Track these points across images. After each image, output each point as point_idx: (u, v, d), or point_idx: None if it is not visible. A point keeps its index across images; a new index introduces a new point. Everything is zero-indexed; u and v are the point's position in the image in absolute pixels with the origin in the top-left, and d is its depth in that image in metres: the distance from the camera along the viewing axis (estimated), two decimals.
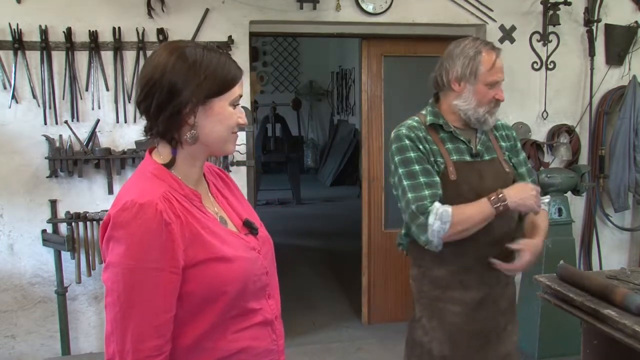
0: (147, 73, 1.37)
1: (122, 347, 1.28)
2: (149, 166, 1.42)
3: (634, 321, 2.06)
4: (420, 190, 2.06)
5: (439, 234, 2.01)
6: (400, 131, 2.17)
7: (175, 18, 3.82)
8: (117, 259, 1.29)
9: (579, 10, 4.37)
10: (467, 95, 2.15)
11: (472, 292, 2.15)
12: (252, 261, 1.43)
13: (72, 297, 3.83)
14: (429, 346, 2.16)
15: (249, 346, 1.43)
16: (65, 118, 3.71)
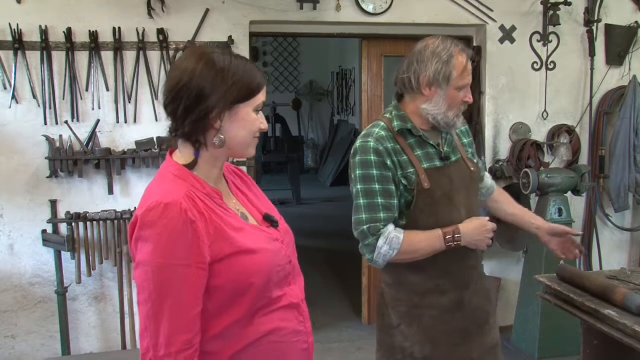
0: (175, 76, 1.42)
1: (155, 342, 1.34)
2: (171, 167, 1.47)
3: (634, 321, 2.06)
4: (375, 212, 2.04)
5: (384, 257, 2.04)
6: (367, 143, 2.06)
7: (175, 18, 3.81)
8: (145, 257, 1.35)
9: (579, 10, 4.37)
10: (437, 100, 2.08)
11: (448, 295, 2.14)
12: (275, 252, 1.50)
13: (72, 297, 3.83)
14: (410, 350, 2.15)
15: (277, 327, 1.48)
16: (65, 118, 3.70)
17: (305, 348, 1.57)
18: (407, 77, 2.12)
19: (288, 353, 1.52)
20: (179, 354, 1.35)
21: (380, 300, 2.25)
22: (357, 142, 2.12)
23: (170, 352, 1.34)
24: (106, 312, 3.92)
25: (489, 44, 4.33)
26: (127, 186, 3.86)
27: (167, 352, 1.34)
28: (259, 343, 1.46)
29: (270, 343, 1.48)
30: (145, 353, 1.37)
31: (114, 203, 3.81)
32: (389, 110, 2.19)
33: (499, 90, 4.38)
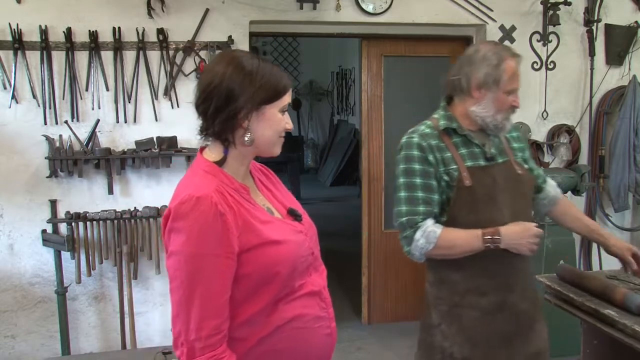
0: (206, 79, 1.53)
1: (187, 327, 1.44)
2: (202, 164, 1.57)
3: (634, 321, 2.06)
4: (415, 205, 2.08)
5: (420, 250, 2.06)
6: (412, 139, 2.14)
7: (175, 18, 3.81)
8: (178, 247, 1.44)
9: (579, 10, 4.37)
10: (487, 103, 2.12)
11: (489, 297, 2.13)
12: (299, 243, 1.59)
13: (72, 297, 3.83)
14: (450, 350, 2.16)
15: (300, 314, 1.57)
16: (65, 118, 3.70)
17: (328, 333, 1.64)
18: (457, 79, 2.17)
19: (311, 338, 1.60)
20: (209, 338, 1.43)
21: (425, 301, 2.27)
22: (403, 139, 2.19)
23: (201, 336, 1.43)
24: (106, 312, 3.92)
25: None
26: (127, 186, 3.86)
27: (198, 337, 1.43)
28: (284, 329, 1.54)
29: (294, 329, 1.56)
30: (177, 337, 1.46)
31: (114, 203, 3.81)
32: (437, 112, 2.25)
33: None
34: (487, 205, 2.09)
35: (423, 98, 4.63)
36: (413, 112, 4.62)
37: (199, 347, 1.44)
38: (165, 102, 3.86)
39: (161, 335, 3.98)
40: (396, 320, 4.73)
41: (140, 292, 3.93)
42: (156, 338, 3.98)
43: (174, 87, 3.84)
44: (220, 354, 1.45)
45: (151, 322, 3.99)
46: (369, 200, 4.63)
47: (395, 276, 4.72)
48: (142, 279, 3.91)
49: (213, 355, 1.44)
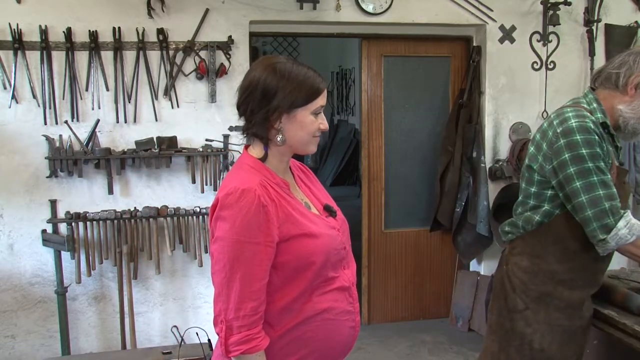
0: (246, 83, 1.66)
1: (227, 307, 1.57)
2: (247, 160, 1.71)
3: (634, 321, 2.07)
4: (610, 188, 2.03)
5: (619, 241, 2.00)
6: (586, 123, 2.05)
7: (175, 18, 3.81)
8: (223, 234, 1.57)
9: (579, 10, 4.37)
10: (637, 105, 2.11)
11: (578, 292, 2.18)
12: (333, 237, 1.70)
13: (72, 297, 3.83)
14: (530, 338, 2.19)
15: (331, 307, 1.69)
16: (65, 118, 3.70)
17: (352, 326, 1.76)
18: (616, 73, 2.14)
19: (339, 330, 1.72)
20: (246, 318, 1.56)
21: (505, 284, 2.27)
22: (570, 122, 2.07)
23: (239, 316, 1.55)
24: (106, 312, 3.92)
25: (489, 44, 4.33)
26: (127, 186, 3.86)
27: (236, 316, 1.55)
28: (315, 319, 1.67)
29: (324, 320, 1.68)
30: (217, 315, 1.59)
31: (114, 203, 3.81)
32: (588, 100, 2.19)
33: (499, 90, 4.37)
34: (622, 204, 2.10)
35: (423, 98, 4.64)
36: (413, 112, 4.65)
37: (236, 326, 1.56)
38: (165, 102, 3.85)
39: (161, 335, 3.98)
40: (396, 320, 4.73)
41: (140, 292, 3.93)
42: (156, 338, 3.98)
43: (174, 87, 3.84)
44: (255, 334, 1.58)
45: (151, 322, 3.99)
46: (369, 200, 4.63)
47: (395, 276, 4.72)
48: (142, 278, 3.91)
49: (248, 334, 1.57)
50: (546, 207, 2.17)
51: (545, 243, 2.18)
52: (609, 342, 2.47)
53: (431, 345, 4.33)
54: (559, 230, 2.15)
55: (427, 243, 4.73)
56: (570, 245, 2.15)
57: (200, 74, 3.85)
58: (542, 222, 2.18)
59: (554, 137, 2.10)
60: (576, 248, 2.14)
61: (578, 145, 2.03)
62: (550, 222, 2.17)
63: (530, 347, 2.18)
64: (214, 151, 3.85)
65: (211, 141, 3.87)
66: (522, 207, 2.26)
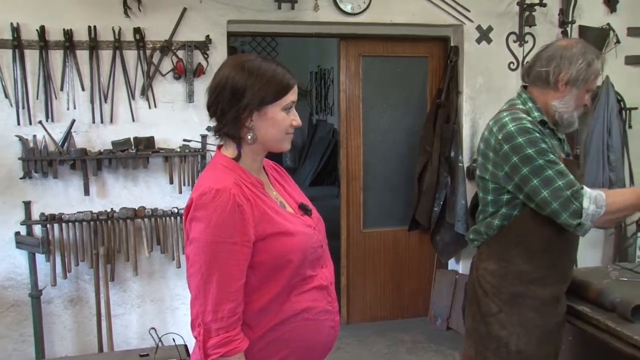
0: (214, 83, 1.65)
1: (204, 309, 1.54)
2: (220, 160, 1.69)
3: (607, 317, 2.10)
4: (567, 176, 2.05)
5: (592, 218, 2.01)
6: (525, 124, 2.10)
7: (152, 17, 3.78)
8: (198, 235, 1.55)
9: (553, 11, 4.43)
10: (569, 99, 2.17)
11: (549, 289, 2.20)
12: (309, 235, 1.70)
13: (47, 300, 3.77)
14: (506, 340, 2.20)
15: (310, 306, 1.68)
16: (40, 118, 3.64)
17: (332, 326, 1.76)
18: (545, 71, 2.19)
19: (319, 330, 1.71)
20: (224, 320, 1.54)
21: (477, 290, 2.28)
22: (509, 127, 2.11)
23: (217, 318, 1.54)
24: (82, 315, 3.87)
25: (466, 45, 4.37)
26: (104, 187, 3.81)
27: (214, 318, 1.54)
28: (294, 319, 1.66)
29: (304, 320, 1.67)
30: (195, 319, 1.58)
31: (90, 204, 3.76)
32: (522, 100, 2.24)
33: (476, 90, 4.41)
34: None
35: (401, 98, 4.66)
36: (391, 112, 4.67)
37: (214, 328, 1.54)
38: (142, 102, 3.82)
39: (139, 337, 3.94)
40: (375, 320, 4.75)
41: (117, 294, 3.89)
42: (134, 340, 3.93)
43: (151, 87, 3.81)
44: (234, 336, 1.56)
45: (129, 324, 3.94)
46: (347, 200, 4.64)
47: (374, 276, 4.73)
48: (119, 280, 3.86)
49: (227, 336, 1.55)
50: (503, 211, 2.20)
51: (508, 245, 2.20)
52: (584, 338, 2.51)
53: (410, 345, 4.35)
54: (520, 232, 2.18)
55: (406, 242, 4.76)
56: (533, 244, 2.17)
57: (178, 73, 3.82)
58: (502, 225, 2.21)
59: (497, 145, 2.14)
60: (539, 247, 2.17)
61: (522, 146, 2.07)
62: (510, 224, 2.19)
63: (507, 349, 2.19)
64: (192, 151, 3.83)
65: (189, 141, 3.84)
66: (483, 215, 2.29)
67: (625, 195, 2.08)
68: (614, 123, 4.44)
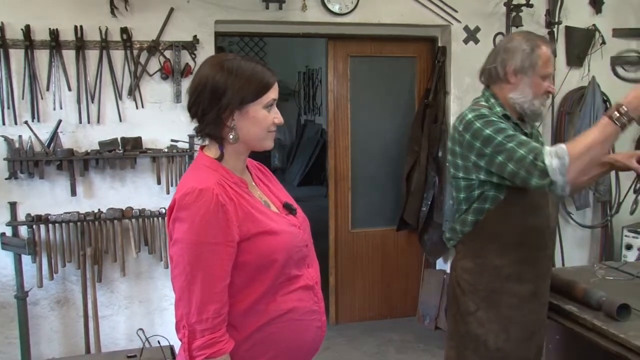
0: (194, 84, 1.65)
1: (189, 310, 1.53)
2: (203, 160, 1.68)
3: (593, 315, 2.12)
4: (528, 144, 2.02)
5: (561, 171, 1.91)
6: (481, 112, 2.15)
7: (139, 17, 3.76)
8: (181, 235, 1.54)
9: (540, 12, 4.46)
10: (524, 88, 2.18)
11: (527, 285, 2.20)
12: (294, 234, 1.69)
13: (33, 301, 3.73)
14: (484, 338, 2.19)
15: (296, 307, 1.67)
16: (25, 118, 3.61)
17: (319, 326, 1.75)
18: (494, 67, 2.23)
19: (305, 330, 1.70)
20: (209, 321, 1.53)
21: (456, 289, 2.28)
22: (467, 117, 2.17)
23: (201, 319, 1.52)
24: (69, 317, 3.84)
25: (454, 45, 4.39)
26: (91, 188, 3.79)
27: (199, 319, 1.52)
28: (280, 320, 1.64)
29: (290, 320, 1.66)
30: (179, 321, 1.56)
31: (77, 205, 3.73)
32: (486, 98, 2.27)
33: (464, 90, 4.43)
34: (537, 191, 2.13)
35: (389, 98, 4.67)
36: (379, 112, 4.67)
37: (199, 330, 1.53)
38: (129, 102, 3.80)
39: (127, 338, 3.91)
40: (364, 320, 4.75)
41: (104, 295, 3.86)
42: (121, 342, 3.91)
43: (138, 87, 3.79)
44: (219, 337, 1.55)
45: (116, 325, 3.92)
46: (335, 200, 4.64)
47: (362, 276, 4.74)
48: (106, 281, 3.84)
49: (212, 338, 1.53)
50: (475, 205, 2.20)
51: (482, 242, 2.21)
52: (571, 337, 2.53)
53: (398, 344, 4.36)
54: (493, 227, 2.19)
55: (394, 242, 4.77)
56: (507, 239, 2.18)
57: (165, 74, 3.81)
58: (476, 220, 2.21)
59: (460, 137, 2.17)
60: (513, 241, 2.18)
61: (480, 130, 2.10)
62: (484, 219, 2.19)
63: (485, 347, 2.19)
64: (180, 152, 3.81)
65: (176, 142, 3.82)
66: (458, 213, 2.30)
67: (585, 134, 1.97)
68: None
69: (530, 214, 2.19)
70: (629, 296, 2.18)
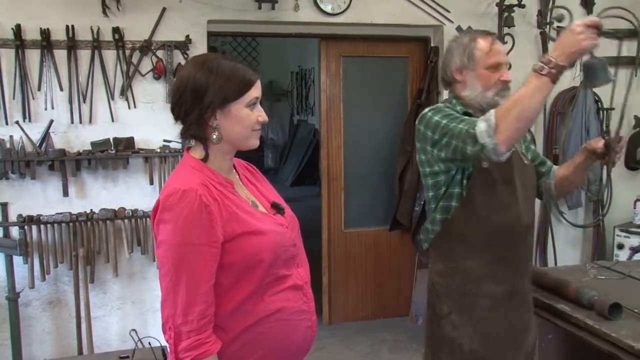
0: (176, 85, 1.64)
1: (174, 312, 1.53)
2: (188, 161, 1.68)
3: (585, 315, 2.13)
4: (467, 121, 1.99)
5: (488, 133, 1.85)
6: (437, 105, 2.19)
7: (131, 17, 3.74)
8: (166, 237, 1.54)
9: (532, 12, 4.47)
10: (472, 83, 2.17)
11: (502, 285, 2.15)
12: (281, 234, 1.68)
13: (24, 302, 3.71)
14: (459, 341, 2.16)
15: (284, 307, 1.66)
16: (16, 118, 3.59)
17: (309, 326, 1.73)
18: (443, 71, 2.25)
19: (294, 330, 1.69)
20: (194, 322, 1.52)
21: (432, 293, 2.26)
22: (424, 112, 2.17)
23: (187, 320, 1.52)
24: (61, 318, 3.82)
25: (447, 45, 4.38)
26: (83, 188, 3.77)
27: (184, 321, 1.52)
28: (269, 320, 1.63)
29: (278, 320, 1.65)
30: (165, 322, 1.56)
31: (69, 205, 3.72)
32: (449, 99, 2.27)
33: None
34: (503, 188, 2.11)
35: (382, 98, 4.68)
36: (372, 112, 4.68)
37: (185, 331, 1.52)
38: (121, 102, 3.78)
39: (119, 339, 3.90)
40: (357, 320, 4.76)
41: (97, 295, 3.85)
42: (114, 342, 3.90)
43: (130, 87, 3.78)
44: (205, 338, 1.54)
45: (109, 326, 3.91)
46: (328, 200, 4.64)
47: (355, 276, 4.74)
48: (99, 282, 3.83)
49: (198, 339, 1.53)
50: (442, 203, 2.18)
51: (451, 243, 2.19)
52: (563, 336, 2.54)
53: (392, 344, 4.37)
54: (459, 228, 2.16)
55: (387, 242, 4.78)
56: (473, 240, 2.14)
57: (158, 74, 3.80)
58: (444, 219, 2.18)
59: (418, 132, 2.17)
60: (479, 242, 2.13)
61: (430, 118, 2.10)
62: (451, 218, 2.16)
63: (460, 350, 2.16)
64: (172, 152, 3.80)
65: (169, 142, 3.81)
66: (429, 213, 2.28)
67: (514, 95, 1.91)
68: (592, 123, 4.50)
69: (495, 213, 2.13)
70: (621, 295, 2.19)
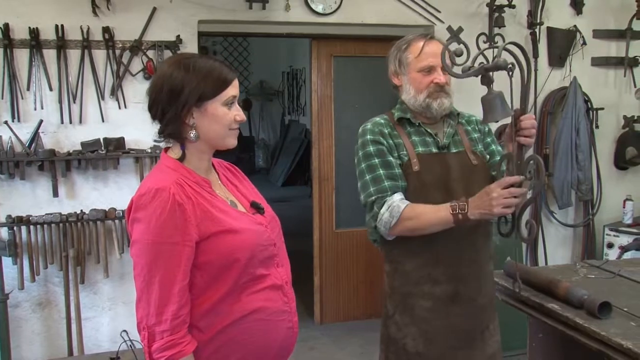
0: (153, 84, 1.63)
1: (147, 312, 1.51)
2: (165, 161, 1.67)
3: (575, 314, 2.13)
4: (380, 183, 2.10)
5: (386, 225, 2.06)
6: (365, 126, 2.22)
7: (121, 17, 3.73)
8: (139, 236, 1.53)
9: (522, 13, 4.50)
10: (407, 87, 2.22)
11: (442, 286, 2.12)
12: (258, 233, 1.66)
13: (14, 304, 3.69)
14: (403, 342, 2.16)
15: (263, 307, 1.64)
16: (5, 118, 3.57)
17: (290, 327, 1.71)
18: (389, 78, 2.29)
19: (274, 331, 1.67)
20: (168, 322, 1.51)
21: (382, 293, 2.28)
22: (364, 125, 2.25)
23: (160, 320, 1.50)
24: (51, 319, 3.80)
25: None
26: (73, 188, 3.75)
27: (158, 321, 1.50)
28: (246, 320, 1.61)
29: (256, 321, 1.62)
30: (139, 322, 1.54)
31: (59, 206, 3.70)
32: (396, 104, 2.32)
33: None
34: (438, 192, 2.10)
35: (373, 98, 4.68)
36: (363, 111, 4.67)
37: (158, 331, 1.51)
38: (112, 102, 3.77)
39: (110, 340, 3.88)
40: (348, 320, 4.76)
41: (87, 296, 3.83)
42: (105, 344, 3.88)
43: (120, 87, 3.76)
44: (179, 338, 1.52)
45: (99, 327, 3.89)
46: (320, 200, 4.64)
47: (347, 276, 4.74)
48: (89, 283, 3.81)
49: (172, 339, 1.51)
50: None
51: (391, 245, 2.18)
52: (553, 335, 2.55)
53: None
54: None
55: None
56: (412, 242, 2.12)
57: (148, 74, 3.78)
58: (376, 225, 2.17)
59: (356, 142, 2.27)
60: (418, 244, 2.11)
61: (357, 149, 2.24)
62: None
63: (405, 350, 2.16)
64: None
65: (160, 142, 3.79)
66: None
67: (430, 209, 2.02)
68: (581, 123, 4.53)
69: None
70: (610, 294, 2.20)
